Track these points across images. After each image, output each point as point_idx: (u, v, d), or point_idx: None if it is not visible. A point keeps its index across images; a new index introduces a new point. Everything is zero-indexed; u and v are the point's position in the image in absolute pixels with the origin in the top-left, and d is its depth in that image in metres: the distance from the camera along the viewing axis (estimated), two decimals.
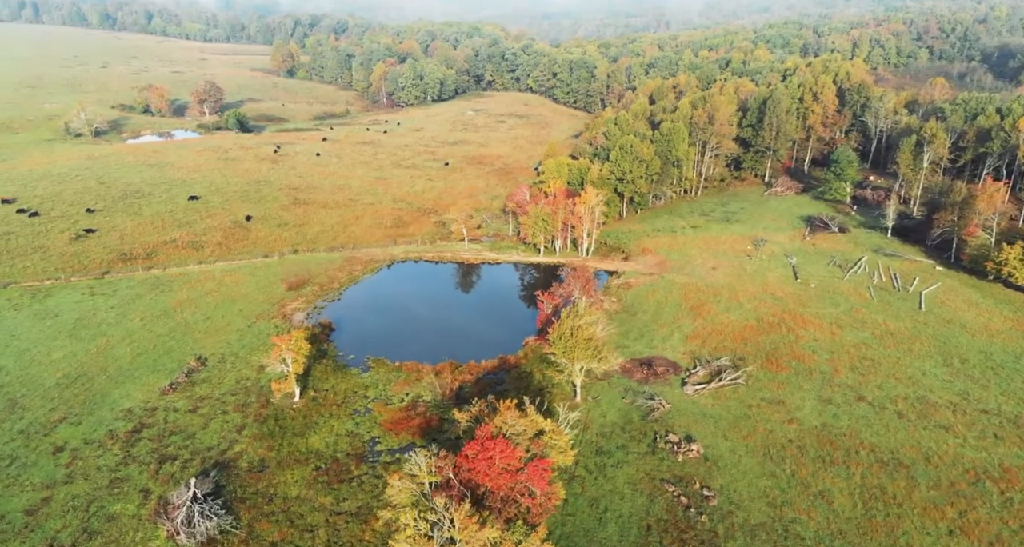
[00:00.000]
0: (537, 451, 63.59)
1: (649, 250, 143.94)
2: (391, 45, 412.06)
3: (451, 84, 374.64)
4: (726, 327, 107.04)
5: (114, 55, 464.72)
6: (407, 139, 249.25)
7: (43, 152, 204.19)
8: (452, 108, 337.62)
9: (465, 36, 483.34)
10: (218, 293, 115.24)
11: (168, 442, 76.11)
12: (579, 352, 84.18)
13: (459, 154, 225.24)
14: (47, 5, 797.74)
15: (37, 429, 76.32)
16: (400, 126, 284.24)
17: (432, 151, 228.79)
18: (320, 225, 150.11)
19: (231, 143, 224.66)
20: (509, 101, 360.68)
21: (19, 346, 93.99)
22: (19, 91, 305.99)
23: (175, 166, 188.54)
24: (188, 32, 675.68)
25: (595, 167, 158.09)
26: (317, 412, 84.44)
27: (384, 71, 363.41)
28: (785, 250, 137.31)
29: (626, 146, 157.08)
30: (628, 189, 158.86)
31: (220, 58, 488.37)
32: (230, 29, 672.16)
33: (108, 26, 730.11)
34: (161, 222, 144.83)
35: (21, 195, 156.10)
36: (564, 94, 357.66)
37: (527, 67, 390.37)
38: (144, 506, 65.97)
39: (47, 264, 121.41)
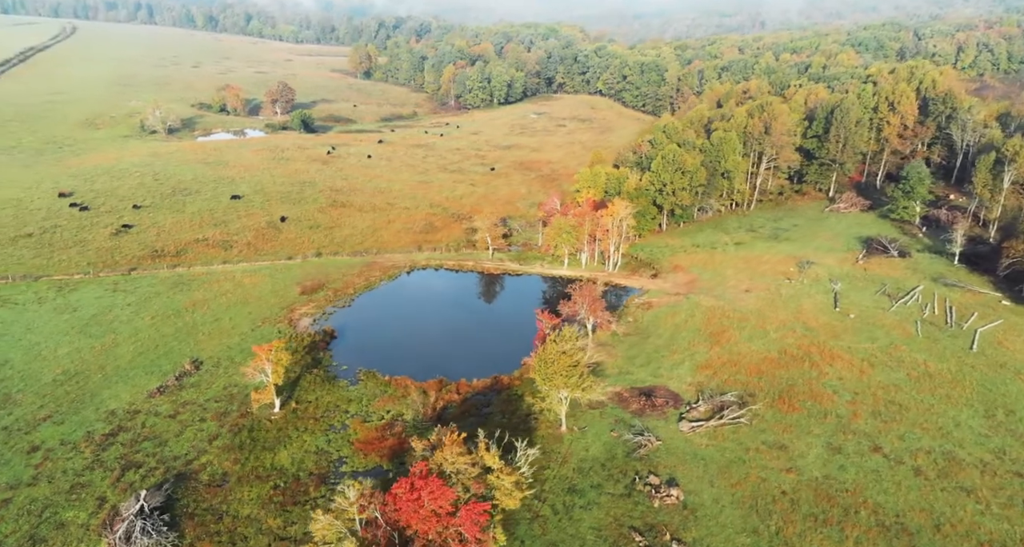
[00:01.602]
0: (478, 492, 59.27)
1: (681, 267, 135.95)
2: (464, 47, 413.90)
3: (519, 86, 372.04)
4: (743, 358, 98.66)
5: (208, 56, 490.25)
6: (461, 142, 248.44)
7: (116, 148, 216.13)
8: (516, 111, 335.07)
9: (540, 38, 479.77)
10: (233, 294, 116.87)
11: (139, 448, 76.50)
12: (559, 379, 79.06)
13: (509, 159, 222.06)
14: (160, 7, 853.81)
15: (21, 426, 78.54)
16: (459, 129, 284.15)
17: (482, 155, 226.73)
18: (351, 228, 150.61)
19: (289, 143, 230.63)
20: (575, 104, 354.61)
21: (31, 340, 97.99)
22: (111, 89, 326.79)
23: (230, 165, 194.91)
24: (282, 34, 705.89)
25: (633, 177, 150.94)
26: (294, 425, 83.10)
27: (453, 73, 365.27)
28: (832, 274, 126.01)
29: (668, 156, 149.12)
30: (668, 201, 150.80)
31: (305, 59, 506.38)
32: (320, 31, 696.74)
33: (211, 28, 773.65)
34: (199, 220, 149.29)
35: (79, 189, 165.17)
36: (633, 98, 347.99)
37: (597, 69, 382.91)
38: (96, 515, 66.02)
39: (82, 258, 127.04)
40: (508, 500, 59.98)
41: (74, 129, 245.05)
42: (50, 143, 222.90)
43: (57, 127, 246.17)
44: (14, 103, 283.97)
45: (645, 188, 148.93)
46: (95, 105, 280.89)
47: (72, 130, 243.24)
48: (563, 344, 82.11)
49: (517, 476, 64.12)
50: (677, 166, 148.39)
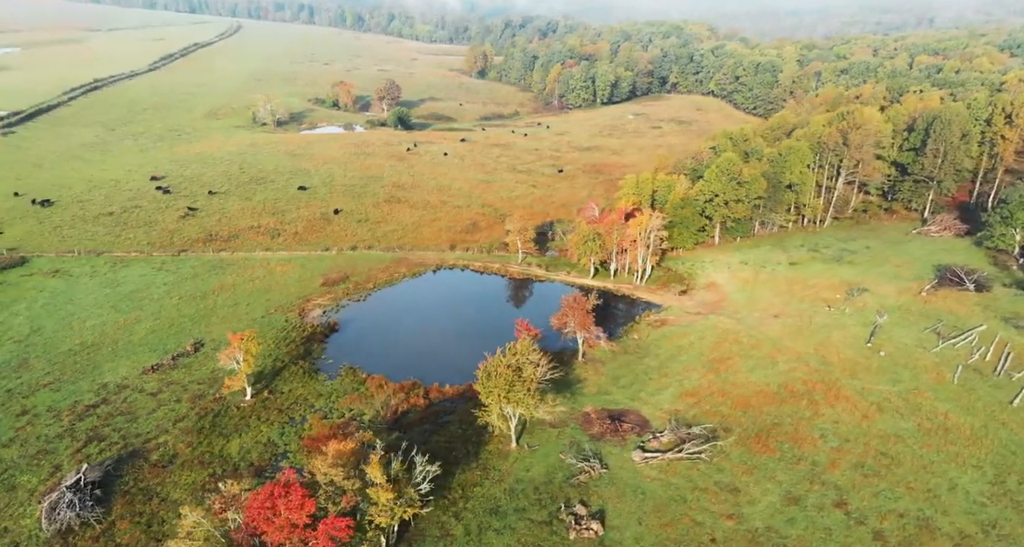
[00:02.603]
0: (347, 506, 58.49)
1: (716, 285, 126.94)
2: (575, 46, 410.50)
3: (626, 86, 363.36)
4: (737, 389, 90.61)
5: (343, 53, 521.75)
6: (542, 143, 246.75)
7: (223, 137, 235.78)
8: (614, 112, 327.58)
9: (661, 36, 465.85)
10: (260, 281, 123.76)
11: (110, 422, 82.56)
12: (499, 393, 76.44)
13: (583, 161, 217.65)
14: (320, 8, 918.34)
15: (23, 390, 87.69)
16: (548, 129, 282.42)
17: (557, 156, 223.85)
18: (396, 224, 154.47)
19: (377, 139, 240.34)
20: (681, 105, 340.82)
21: (68, 310, 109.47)
22: (245, 83, 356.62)
23: (312, 157, 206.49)
24: (418, 33, 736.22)
25: (681, 186, 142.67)
26: (257, 415, 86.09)
27: (559, 73, 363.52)
28: (882, 305, 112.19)
29: (723, 165, 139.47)
30: (719, 213, 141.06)
31: (429, 58, 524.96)
32: (454, 30, 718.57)
33: (358, 27, 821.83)
34: (262, 208, 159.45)
35: (172, 174, 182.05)
36: (744, 99, 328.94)
37: (711, 69, 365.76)
38: (45, 483, 71.98)
39: (145, 238, 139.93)
40: (382, 517, 58.62)
41: (198, 119, 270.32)
42: (173, 130, 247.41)
43: (184, 116, 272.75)
44: (160, 93, 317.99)
45: (693, 198, 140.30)
46: (223, 97, 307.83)
47: (196, 120, 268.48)
48: (511, 357, 79.46)
49: (410, 491, 62.63)
50: (731, 176, 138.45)
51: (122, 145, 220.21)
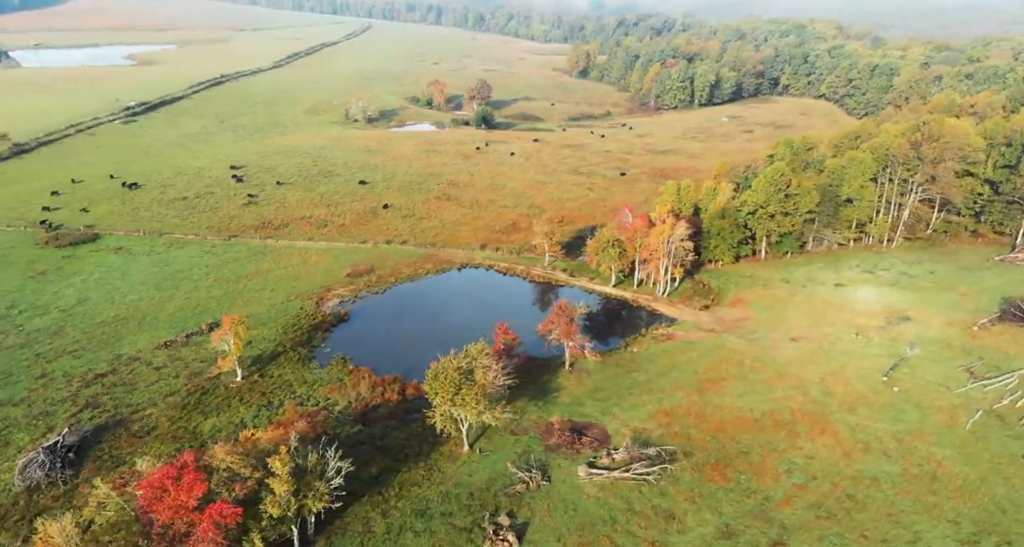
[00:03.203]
0: (240, 494, 60.20)
1: (744, 302, 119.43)
2: (680, 46, 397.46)
3: (728, 87, 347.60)
4: (717, 412, 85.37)
5: (455, 54, 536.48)
6: (618, 144, 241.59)
7: (315, 131, 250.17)
8: (710, 114, 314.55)
9: (779, 35, 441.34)
10: (293, 269, 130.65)
11: (111, 391, 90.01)
12: (445, 395, 76.40)
13: (652, 164, 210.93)
14: (447, 9, 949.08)
15: (49, 355, 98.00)
16: (630, 130, 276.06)
17: (626, 159, 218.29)
18: (438, 221, 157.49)
19: (452, 137, 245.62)
20: (785, 109, 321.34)
21: (116, 285, 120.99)
22: (355, 81, 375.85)
23: (384, 153, 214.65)
24: (534, 33, 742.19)
25: (723, 195, 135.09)
26: (241, 396, 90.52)
27: (657, 73, 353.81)
28: (922, 336, 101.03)
29: (772, 175, 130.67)
30: (763, 226, 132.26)
31: (536, 58, 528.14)
32: (569, 30, 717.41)
33: (478, 28, 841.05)
34: (319, 200, 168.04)
35: (251, 164, 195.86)
36: (856, 104, 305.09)
37: (824, 71, 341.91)
38: (35, 441, 79.59)
39: (206, 222, 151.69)
40: (274, 508, 59.96)
41: (298, 114, 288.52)
42: (273, 124, 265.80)
43: (288, 111, 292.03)
44: (275, 89, 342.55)
45: (734, 209, 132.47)
46: (328, 94, 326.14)
47: (297, 114, 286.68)
48: (461, 360, 79.25)
49: (319, 485, 63.62)
50: (779, 187, 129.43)
51: (223, 136, 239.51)
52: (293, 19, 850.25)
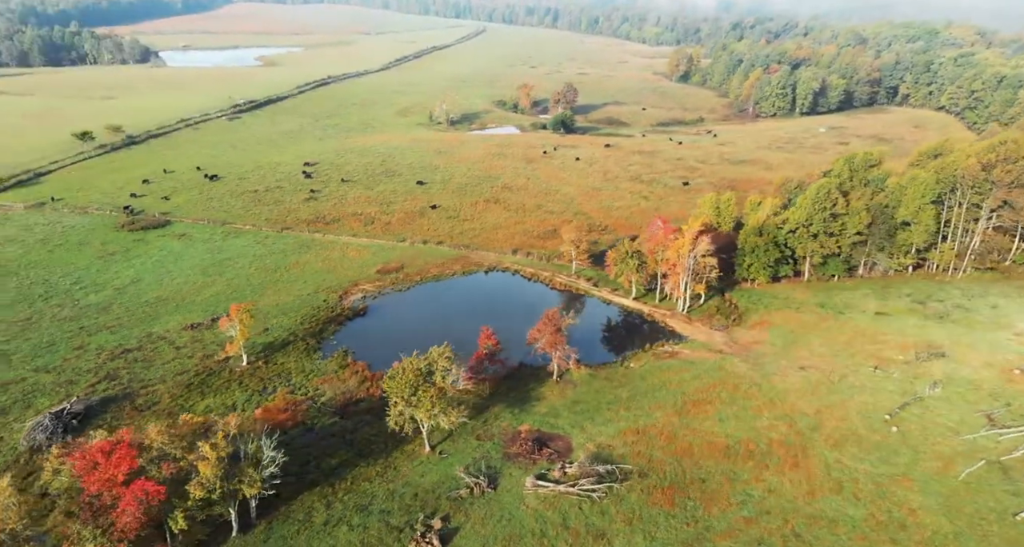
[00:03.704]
0: (167, 473, 63.17)
1: (765, 325, 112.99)
2: (788, 50, 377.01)
3: (835, 96, 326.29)
4: (690, 435, 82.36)
5: (557, 57, 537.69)
6: (693, 152, 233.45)
7: (398, 132, 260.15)
8: (808, 123, 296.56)
9: (905, 40, 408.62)
10: (330, 262, 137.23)
11: (131, 366, 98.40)
12: (401, 394, 78.21)
13: (723, 174, 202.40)
14: (564, 11, 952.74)
15: (91, 329, 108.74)
16: (715, 138, 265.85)
17: (695, 168, 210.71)
18: (480, 223, 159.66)
19: (524, 141, 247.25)
20: (896, 120, 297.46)
21: (169, 268, 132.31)
22: (451, 84, 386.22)
23: (450, 155, 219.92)
24: (646, 36, 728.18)
25: (763, 211, 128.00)
26: (241, 380, 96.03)
27: (757, 78, 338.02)
28: (952, 376, 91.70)
29: (817, 192, 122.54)
30: (804, 246, 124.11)
31: (640, 62, 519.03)
32: (683, 32, 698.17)
33: (592, 30, 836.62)
34: (375, 198, 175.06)
35: (324, 161, 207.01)
36: (978, 117, 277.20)
37: (946, 80, 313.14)
38: (52, 407, 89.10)
39: (267, 214, 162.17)
40: (197, 490, 62.76)
41: (389, 115, 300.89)
42: (363, 124, 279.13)
43: (380, 112, 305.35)
44: (373, 90, 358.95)
45: (775, 226, 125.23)
46: (421, 97, 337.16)
47: (387, 116, 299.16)
48: (421, 361, 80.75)
49: (251, 472, 65.81)
50: (823, 205, 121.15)
51: (312, 134, 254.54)
52: (419, 22, 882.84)
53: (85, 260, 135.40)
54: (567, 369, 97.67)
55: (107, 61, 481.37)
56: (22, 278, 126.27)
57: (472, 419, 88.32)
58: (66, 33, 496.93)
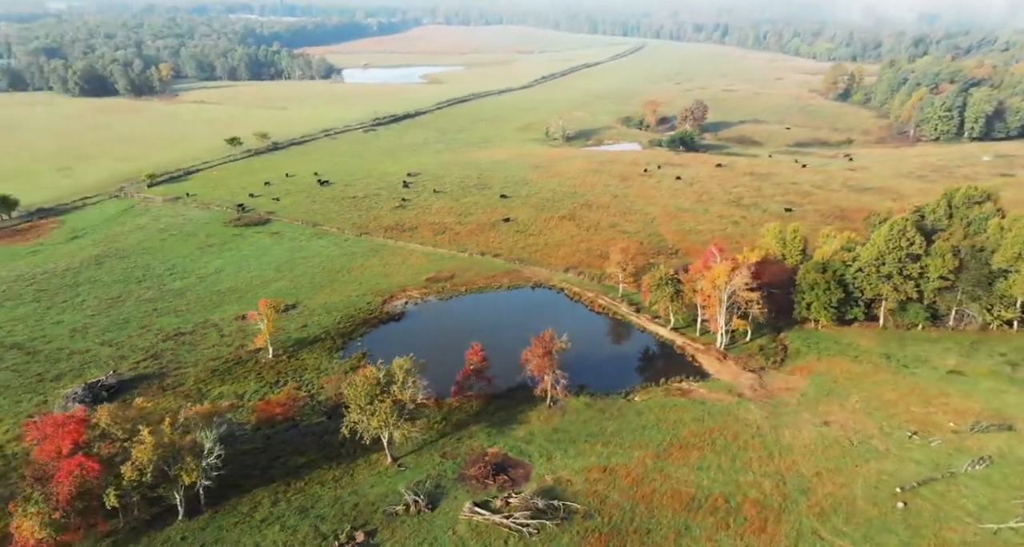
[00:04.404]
0: (106, 453, 68.71)
1: (807, 371, 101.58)
2: (965, 68, 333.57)
3: (1015, 120, 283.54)
4: (657, 481, 77.50)
5: (708, 73, 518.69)
6: (814, 176, 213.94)
7: (511, 147, 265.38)
8: (971, 150, 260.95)
9: None
10: (388, 267, 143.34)
11: (177, 348, 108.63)
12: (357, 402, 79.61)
13: (836, 202, 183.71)
14: (733, 27, 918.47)
15: (161, 311, 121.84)
16: (850, 162, 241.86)
17: (811, 194, 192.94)
18: (546, 239, 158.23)
19: (629, 158, 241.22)
20: None
21: (250, 262, 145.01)
22: (583, 100, 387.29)
23: (547, 170, 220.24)
24: (816, 51, 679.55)
25: (830, 244, 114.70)
26: (260, 372, 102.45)
27: (920, 98, 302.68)
28: (1002, 453, 76.83)
29: (891, 229, 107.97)
30: (873, 288, 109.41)
31: (796, 78, 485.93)
32: (860, 47, 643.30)
33: (759, 46, 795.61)
34: (456, 209, 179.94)
35: (427, 172, 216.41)
36: None
37: None
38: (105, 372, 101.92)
39: (356, 219, 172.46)
40: (129, 471, 67.04)
41: (511, 131, 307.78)
42: (484, 139, 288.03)
43: (503, 128, 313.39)
44: (506, 107, 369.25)
45: (842, 262, 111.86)
46: (547, 113, 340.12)
47: (508, 131, 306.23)
48: (380, 372, 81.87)
49: (188, 461, 69.86)
50: (898, 243, 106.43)
51: (432, 147, 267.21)
52: (582, 41, 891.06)
53: (186, 250, 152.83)
54: (559, 395, 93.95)
55: (297, 77, 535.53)
56: (130, 262, 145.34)
57: (447, 436, 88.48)
58: (268, 52, 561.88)
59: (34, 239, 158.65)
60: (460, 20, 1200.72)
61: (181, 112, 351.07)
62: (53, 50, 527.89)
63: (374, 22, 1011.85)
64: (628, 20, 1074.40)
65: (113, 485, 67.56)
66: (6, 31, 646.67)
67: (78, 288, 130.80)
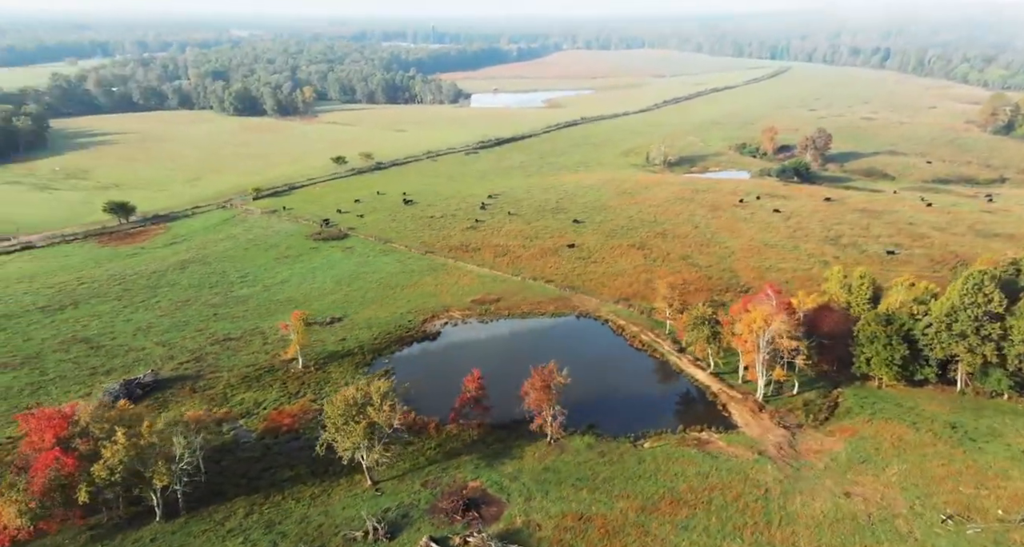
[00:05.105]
0: (84, 450, 71.89)
1: (848, 433, 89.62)
2: None
3: None
4: (631, 535, 72.14)
5: (849, 100, 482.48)
6: (938, 218, 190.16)
7: (605, 172, 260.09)
8: None
9: None
10: (440, 287, 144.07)
11: (221, 352, 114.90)
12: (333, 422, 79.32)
13: (954, 248, 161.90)
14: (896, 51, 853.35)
15: (221, 316, 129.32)
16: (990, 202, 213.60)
17: (926, 236, 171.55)
18: (605, 267, 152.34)
19: (727, 188, 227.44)
20: None
21: (315, 274, 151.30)
22: (698, 125, 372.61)
23: (632, 197, 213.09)
24: (987, 79, 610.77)
25: (904, 294, 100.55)
26: (285, 381, 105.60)
27: None
28: None
29: (965, 283, 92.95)
30: (941, 346, 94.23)
31: (952, 107, 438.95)
32: None
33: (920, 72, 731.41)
34: (525, 233, 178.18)
35: (507, 195, 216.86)
36: None
37: None
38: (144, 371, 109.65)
39: (425, 237, 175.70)
40: (99, 470, 69.83)
41: (611, 155, 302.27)
42: (580, 163, 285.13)
43: (603, 152, 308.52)
44: (618, 130, 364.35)
45: (910, 315, 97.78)
46: (654, 138, 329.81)
47: (607, 156, 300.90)
48: (357, 393, 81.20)
49: (159, 465, 72.01)
50: (975, 299, 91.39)
51: (523, 170, 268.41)
52: (721, 64, 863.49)
53: (263, 260, 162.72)
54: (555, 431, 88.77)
55: (428, 101, 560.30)
56: (210, 268, 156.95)
57: (436, 463, 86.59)
58: (404, 77, 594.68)
59: (138, 242, 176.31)
60: (600, 45, 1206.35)
61: (312, 132, 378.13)
62: (219, 73, 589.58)
63: (514, 48, 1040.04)
64: (779, 43, 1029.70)
65: (86, 481, 70.72)
66: (188, 56, 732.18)
67: (157, 290, 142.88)
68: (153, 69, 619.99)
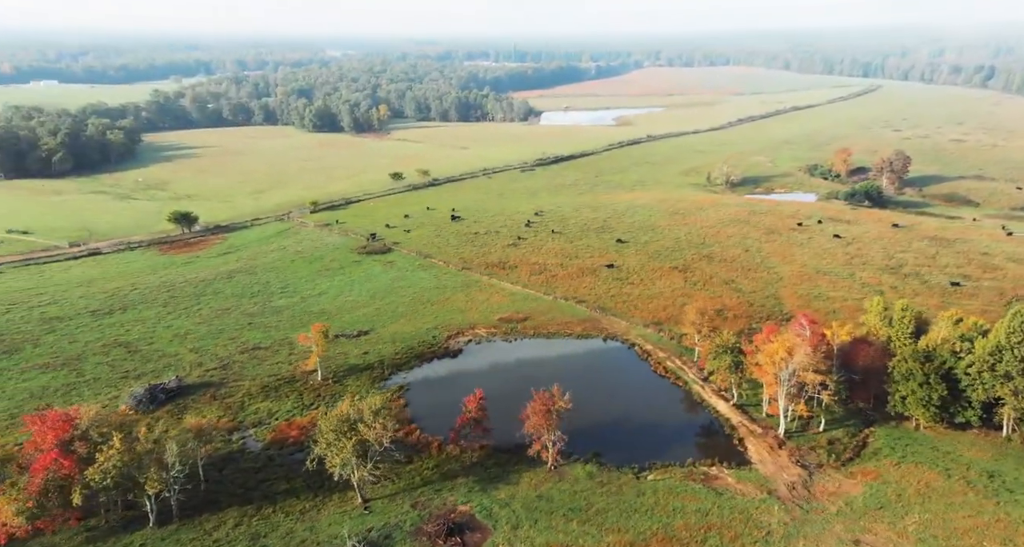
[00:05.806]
0: (82, 452, 74.34)
1: (871, 476, 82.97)
2: None
3: None
4: None
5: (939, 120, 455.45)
6: (1013, 248, 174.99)
7: (660, 192, 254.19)
8: None
9: None
10: (470, 303, 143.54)
11: (247, 361, 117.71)
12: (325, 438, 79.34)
13: None
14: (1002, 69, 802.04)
15: (256, 325, 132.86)
16: None
17: (998, 269, 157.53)
18: (642, 289, 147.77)
19: (788, 211, 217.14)
20: None
21: (353, 287, 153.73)
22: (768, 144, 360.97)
23: (683, 217, 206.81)
24: None
25: (947, 329, 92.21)
26: (301, 393, 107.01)
27: None
28: None
29: (1011, 320, 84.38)
30: (984, 387, 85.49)
31: None
32: None
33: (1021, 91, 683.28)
34: (567, 251, 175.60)
35: (553, 213, 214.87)
36: None
37: None
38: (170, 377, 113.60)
39: (464, 253, 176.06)
40: (93, 473, 72.05)
41: (671, 174, 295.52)
42: (636, 181, 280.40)
43: (663, 171, 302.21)
44: (683, 149, 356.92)
45: (951, 353, 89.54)
46: (718, 157, 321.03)
47: (666, 175, 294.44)
48: (350, 409, 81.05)
49: (151, 471, 73.91)
50: (1022, 338, 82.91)
51: (576, 188, 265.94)
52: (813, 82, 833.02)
53: (307, 272, 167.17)
54: (552, 458, 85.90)
55: (499, 119, 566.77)
56: (255, 278, 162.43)
57: (430, 484, 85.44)
58: (477, 95, 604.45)
59: (195, 251, 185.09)
60: (683, 62, 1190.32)
61: (380, 148, 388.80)
62: (304, 91, 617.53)
63: (592, 66, 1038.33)
64: (872, 60, 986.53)
65: (81, 485, 72.70)
66: (279, 75, 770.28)
67: (201, 298, 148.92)
68: (245, 87, 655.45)
